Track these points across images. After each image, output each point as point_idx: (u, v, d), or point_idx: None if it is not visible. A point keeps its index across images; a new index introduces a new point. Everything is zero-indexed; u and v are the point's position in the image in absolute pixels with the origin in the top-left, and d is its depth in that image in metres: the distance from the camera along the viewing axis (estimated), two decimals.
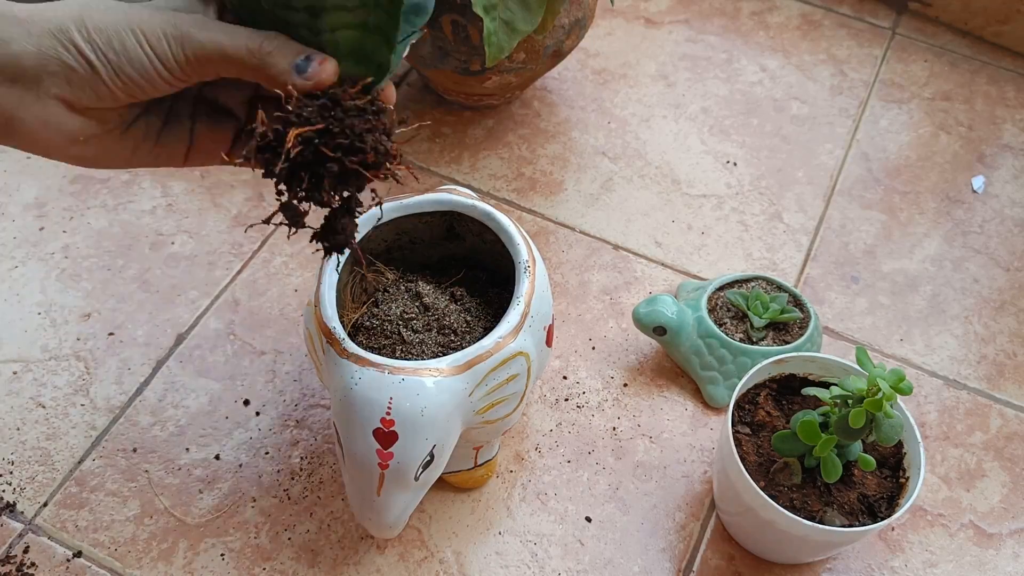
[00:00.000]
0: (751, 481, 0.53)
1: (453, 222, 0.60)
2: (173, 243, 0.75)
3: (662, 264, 0.75)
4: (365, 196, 0.40)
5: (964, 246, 0.77)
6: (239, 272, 0.73)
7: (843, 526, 0.53)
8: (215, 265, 0.74)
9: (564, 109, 0.86)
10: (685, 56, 0.91)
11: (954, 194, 0.81)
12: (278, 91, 0.37)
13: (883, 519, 0.54)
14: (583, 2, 0.75)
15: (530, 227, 0.77)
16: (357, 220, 0.41)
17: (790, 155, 0.83)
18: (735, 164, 0.82)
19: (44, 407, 0.65)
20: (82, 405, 0.66)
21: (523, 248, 0.54)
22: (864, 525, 0.54)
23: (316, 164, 0.37)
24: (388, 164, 0.38)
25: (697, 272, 0.75)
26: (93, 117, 0.40)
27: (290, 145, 0.36)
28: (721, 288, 0.69)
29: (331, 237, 0.40)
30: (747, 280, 0.69)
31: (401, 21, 0.37)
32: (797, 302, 0.68)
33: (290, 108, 0.37)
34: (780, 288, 0.68)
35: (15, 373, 0.67)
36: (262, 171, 0.38)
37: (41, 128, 0.39)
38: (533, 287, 0.53)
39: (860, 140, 0.85)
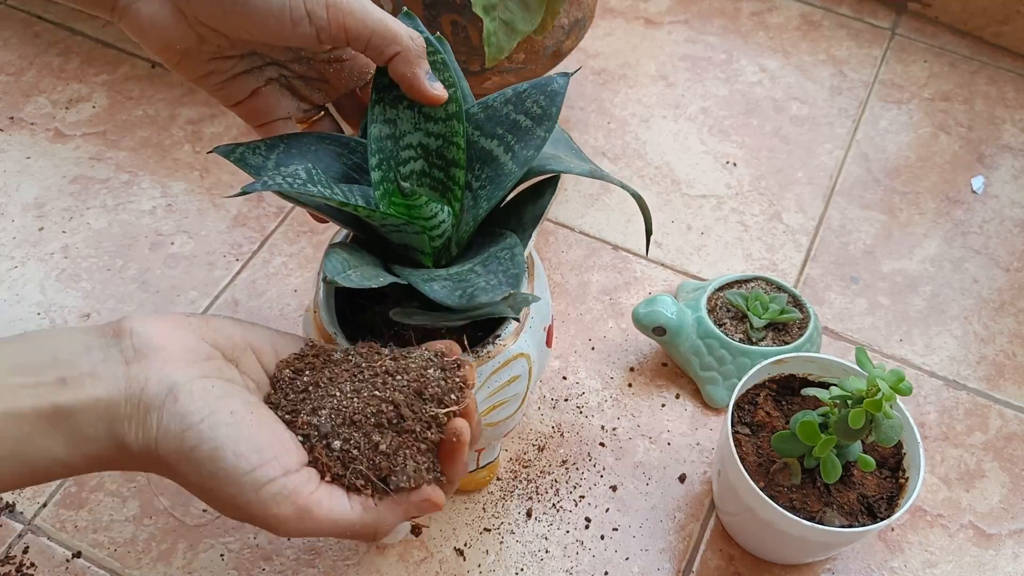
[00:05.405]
0: (751, 481, 0.53)
1: None
2: (173, 243, 0.75)
3: (662, 264, 0.75)
4: None
5: (964, 246, 0.77)
6: (239, 272, 0.73)
7: (842, 526, 0.53)
8: (215, 265, 0.73)
9: (564, 109, 0.86)
10: (685, 56, 0.91)
11: (954, 194, 0.81)
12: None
13: (883, 519, 0.54)
14: (583, 2, 0.75)
15: None
16: None
17: (790, 155, 0.83)
18: (735, 164, 0.82)
19: None
20: None
21: None
22: (864, 525, 0.54)
23: None
24: None
25: (697, 272, 0.75)
26: (196, 31, 0.43)
27: None
28: (721, 288, 0.69)
29: None
30: (747, 280, 0.69)
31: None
32: (797, 302, 0.68)
33: None
34: (780, 288, 0.68)
35: None
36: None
37: (149, 23, 0.43)
38: (532, 288, 0.53)
39: (860, 140, 0.85)
